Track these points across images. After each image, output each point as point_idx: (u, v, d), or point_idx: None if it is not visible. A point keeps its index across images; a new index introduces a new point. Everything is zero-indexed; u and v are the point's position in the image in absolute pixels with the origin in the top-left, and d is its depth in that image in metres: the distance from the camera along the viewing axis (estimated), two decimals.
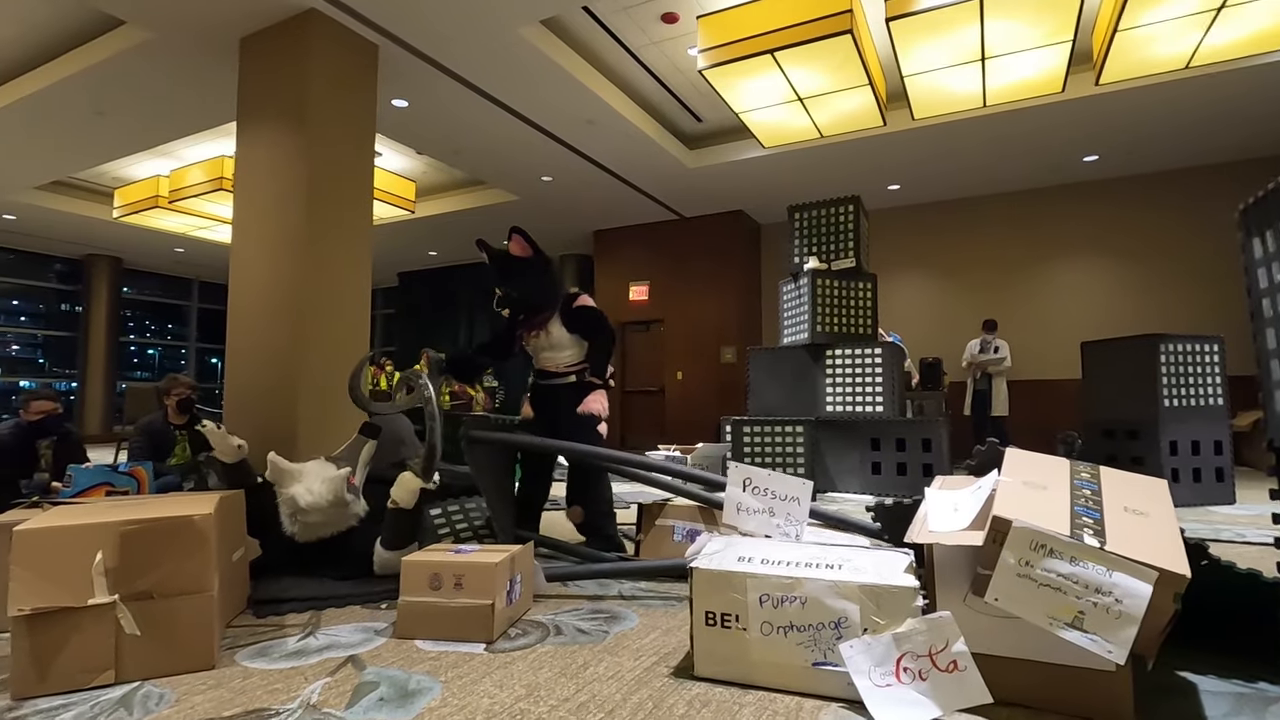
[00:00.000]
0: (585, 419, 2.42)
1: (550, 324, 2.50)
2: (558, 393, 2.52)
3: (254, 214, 4.70)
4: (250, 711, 1.18)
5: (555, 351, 2.52)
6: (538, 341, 2.53)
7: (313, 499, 1.96)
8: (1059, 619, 1.11)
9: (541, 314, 2.49)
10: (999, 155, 7.21)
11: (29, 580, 1.25)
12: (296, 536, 1.98)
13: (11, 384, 11.84)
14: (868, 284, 4.85)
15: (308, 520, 1.97)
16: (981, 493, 1.33)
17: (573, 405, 2.45)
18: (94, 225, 9.52)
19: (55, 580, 1.27)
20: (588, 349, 2.53)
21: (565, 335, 2.50)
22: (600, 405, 2.46)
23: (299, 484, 1.98)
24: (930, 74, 4.91)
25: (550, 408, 2.54)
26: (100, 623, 1.30)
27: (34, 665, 1.25)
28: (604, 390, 2.52)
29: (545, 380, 2.57)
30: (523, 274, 2.44)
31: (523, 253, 2.43)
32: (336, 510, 1.98)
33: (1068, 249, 8.12)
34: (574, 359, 2.52)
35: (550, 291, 2.51)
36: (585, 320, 2.53)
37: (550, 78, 5.55)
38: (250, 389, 4.53)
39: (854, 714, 1.18)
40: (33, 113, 6.12)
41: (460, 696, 1.25)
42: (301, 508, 1.95)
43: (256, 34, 4.76)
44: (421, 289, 12.80)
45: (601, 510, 2.52)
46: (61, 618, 1.27)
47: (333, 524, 1.99)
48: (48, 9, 5.01)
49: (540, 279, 2.48)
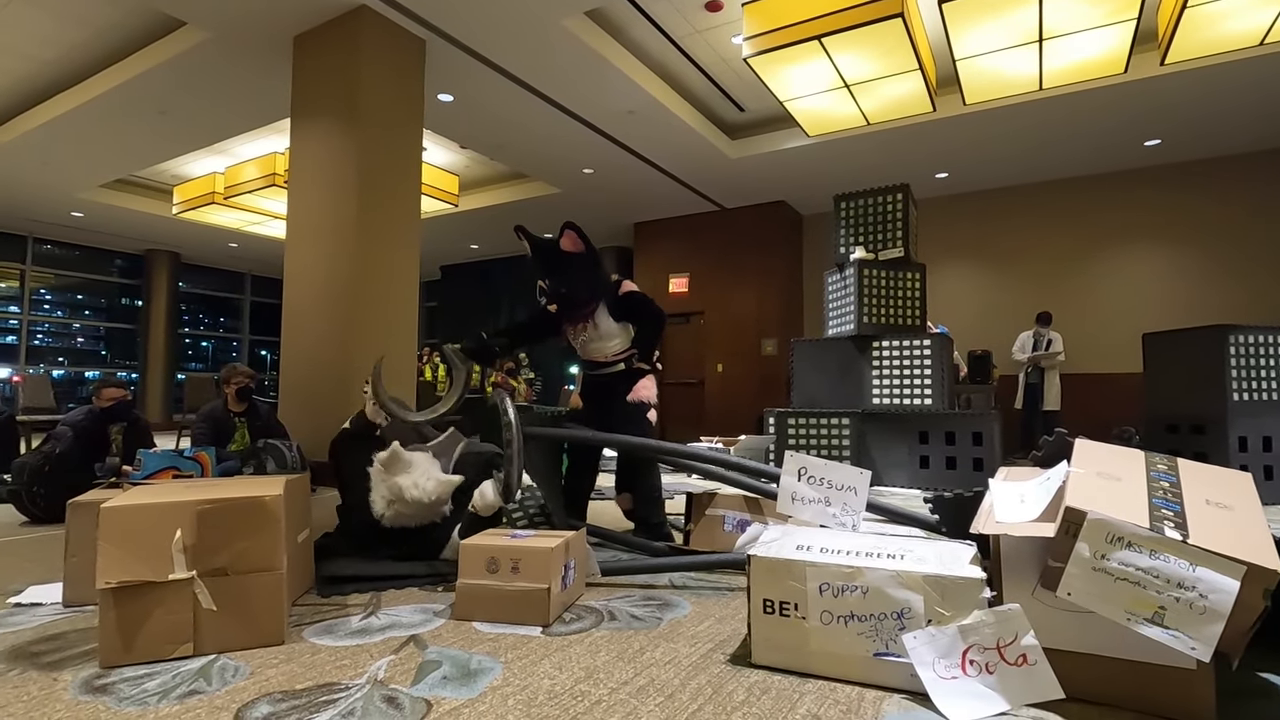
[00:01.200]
0: (636, 407, 2.41)
1: (597, 315, 2.48)
2: (608, 382, 2.52)
3: (308, 208, 4.83)
4: (321, 685, 1.22)
5: (603, 342, 2.51)
6: (585, 334, 2.52)
7: (419, 494, 1.97)
8: (1138, 614, 1.07)
9: (587, 306, 2.48)
10: (1055, 140, 6.97)
11: (115, 555, 1.31)
12: (385, 521, 2.01)
13: (78, 374, 12.43)
14: (916, 274, 4.74)
15: (403, 511, 1.99)
16: (1051, 484, 1.29)
17: (623, 393, 2.44)
18: (154, 221, 9.90)
19: (138, 556, 1.33)
20: (635, 333, 2.52)
21: (613, 325, 2.49)
22: (649, 393, 2.45)
23: (408, 475, 2.00)
24: (984, 57, 4.77)
25: (601, 398, 2.54)
26: (179, 597, 1.36)
27: (119, 635, 1.31)
28: (652, 375, 2.52)
29: (595, 370, 2.57)
30: (572, 269, 2.42)
31: (574, 248, 2.41)
32: (433, 509, 2.02)
33: (1125, 237, 7.81)
34: (622, 346, 2.52)
35: (599, 285, 2.49)
36: (633, 305, 2.52)
37: (592, 69, 5.55)
38: (304, 379, 4.67)
39: (918, 705, 1.16)
40: (100, 113, 6.38)
41: (521, 677, 1.27)
42: (406, 500, 1.97)
43: (309, 32, 4.88)
44: (463, 282, 12.99)
45: (649, 499, 2.52)
46: (144, 591, 1.33)
47: (420, 518, 2.03)
48: (114, 11, 5.21)
49: (591, 274, 2.46)
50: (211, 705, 1.14)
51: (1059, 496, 1.22)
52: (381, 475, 2.02)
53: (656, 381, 2.54)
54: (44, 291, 11.82)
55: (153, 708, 1.13)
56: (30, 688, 1.22)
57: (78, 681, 1.24)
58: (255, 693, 1.19)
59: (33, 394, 6.25)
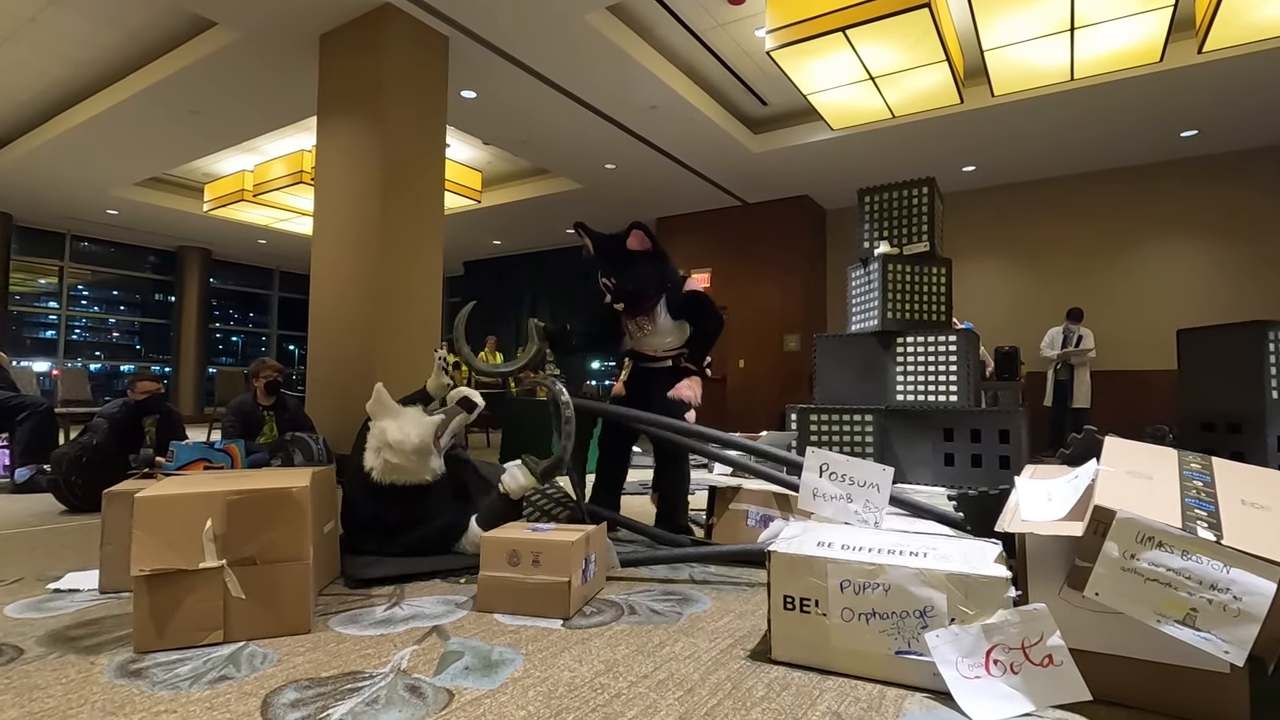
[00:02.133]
0: (675, 404, 2.39)
1: (657, 310, 2.46)
2: (653, 376, 2.51)
3: (334, 205, 4.90)
4: (346, 673, 1.25)
5: (659, 337, 2.49)
6: (644, 327, 2.50)
7: (400, 437, 2.00)
8: (1168, 616, 1.04)
9: (650, 300, 2.45)
10: (1086, 132, 6.81)
11: (149, 543, 1.35)
12: (374, 475, 2.04)
13: (114, 368, 12.77)
14: (942, 269, 4.67)
15: (389, 460, 2.02)
16: (1079, 482, 1.27)
17: (664, 389, 2.42)
18: (186, 219, 10.12)
19: (171, 544, 1.36)
20: (690, 335, 2.49)
21: (670, 322, 2.47)
22: (692, 393, 2.42)
23: (393, 420, 2.05)
24: (1013, 47, 4.67)
25: (644, 390, 2.53)
26: (210, 585, 1.39)
27: (153, 622, 1.35)
28: (699, 378, 2.48)
29: (643, 363, 2.56)
30: (640, 268, 2.38)
31: (642, 246, 2.37)
32: (418, 459, 2.03)
33: (1158, 231, 7.62)
34: (675, 344, 2.50)
35: (663, 283, 2.45)
36: (696, 307, 2.48)
37: (615, 64, 5.55)
38: (331, 373, 4.74)
39: (940, 705, 1.15)
40: (134, 113, 6.54)
41: (541, 669, 1.28)
42: (388, 442, 2.01)
43: (335, 30, 4.94)
44: (486, 278, 13.09)
45: (674, 501, 2.52)
46: (176, 579, 1.36)
47: (409, 473, 2.03)
48: (146, 13, 5.32)
49: (658, 271, 2.42)
50: (240, 691, 1.17)
51: (1087, 495, 1.20)
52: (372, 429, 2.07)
53: (701, 385, 2.49)
54: (81, 287, 12.15)
55: (184, 692, 1.16)
56: (68, 670, 1.26)
57: (113, 665, 1.28)
58: (283, 679, 1.21)
59: (70, 387, 6.43)
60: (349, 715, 1.08)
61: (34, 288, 11.55)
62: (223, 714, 1.08)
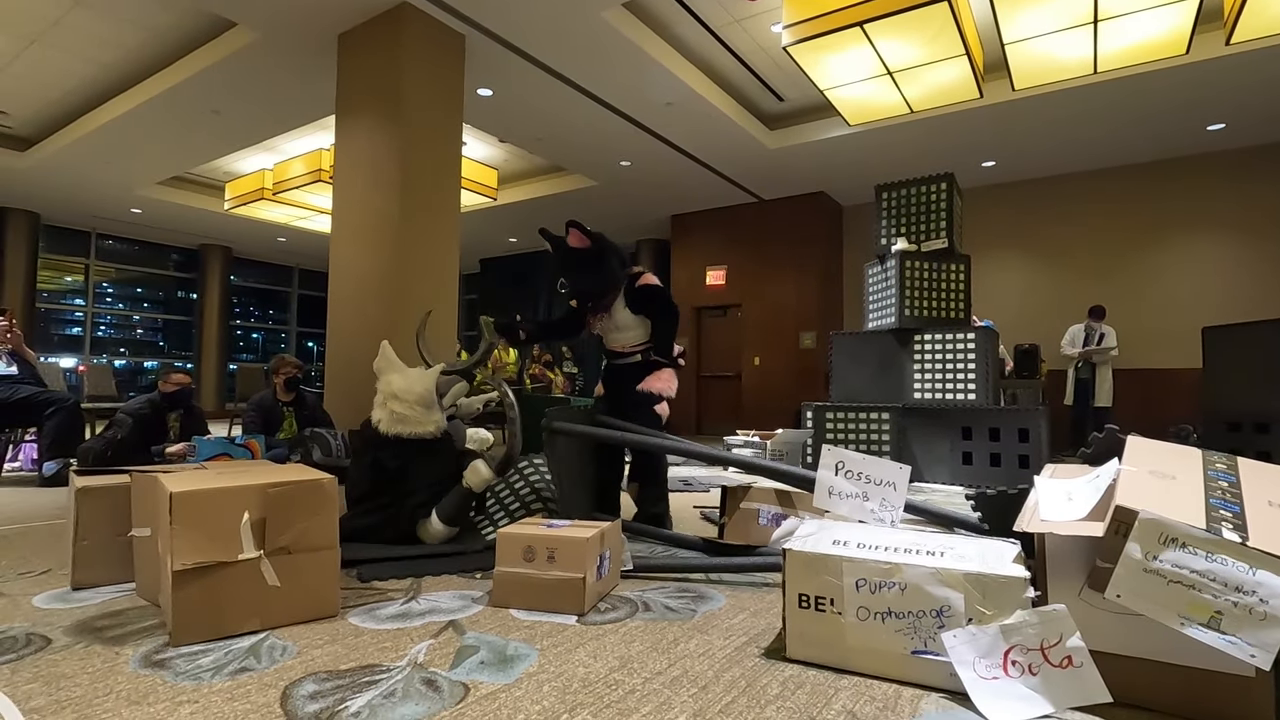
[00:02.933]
0: (643, 397, 2.45)
1: (614, 306, 2.53)
2: (623, 372, 2.57)
3: (351, 203, 4.94)
4: (364, 666, 1.26)
5: (621, 332, 2.56)
6: (604, 324, 2.58)
7: (405, 384, 2.13)
8: (1191, 618, 1.03)
9: (605, 297, 2.52)
10: (1110, 127, 6.70)
11: (189, 538, 1.37)
12: (380, 425, 2.14)
13: (137, 364, 12.99)
14: (960, 266, 4.62)
15: (394, 410, 2.12)
16: (1100, 481, 1.25)
17: (634, 384, 2.49)
18: (207, 217, 10.27)
19: (210, 538, 1.39)
20: (651, 328, 2.55)
21: (629, 316, 2.53)
22: (661, 384, 2.48)
23: (398, 374, 2.17)
24: (1034, 40, 4.60)
25: (616, 386, 2.60)
26: (247, 576, 1.42)
27: (193, 614, 1.37)
28: (671, 369, 2.54)
29: (614, 360, 2.63)
30: (582, 264, 2.46)
31: (580, 244, 2.44)
32: (422, 410, 2.14)
33: (1184, 227, 7.48)
34: (639, 339, 2.56)
35: (609, 278, 2.51)
36: (647, 299, 2.54)
37: (631, 61, 5.55)
38: (348, 369, 4.79)
39: (957, 705, 1.14)
40: (157, 113, 6.64)
41: (556, 664, 1.28)
42: (394, 392, 2.13)
43: (353, 30, 4.98)
44: (502, 275, 13.15)
45: (654, 494, 2.56)
46: (214, 571, 1.39)
47: (413, 425, 2.13)
48: (168, 15, 5.40)
49: (598, 268, 2.48)
50: (261, 682, 1.18)
51: (1109, 495, 1.18)
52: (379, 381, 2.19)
53: (676, 375, 2.55)
54: (106, 285, 12.37)
55: (206, 683, 1.18)
56: (94, 660, 1.28)
57: (137, 656, 1.30)
58: (302, 671, 1.23)
59: (96, 383, 6.55)
60: (366, 708, 1.09)
61: (61, 285, 11.78)
62: (243, 705, 1.10)
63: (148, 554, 1.63)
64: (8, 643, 1.37)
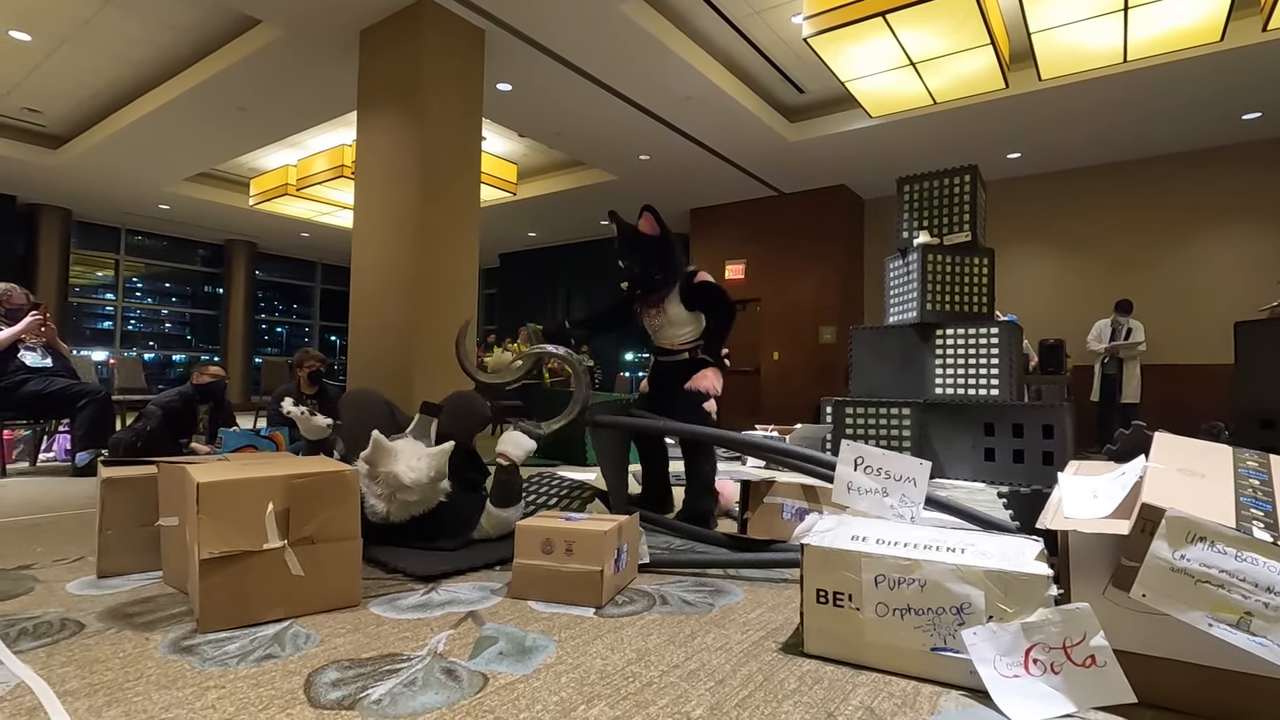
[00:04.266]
0: (692, 395, 2.44)
1: (667, 301, 2.52)
2: (671, 369, 2.56)
3: (373, 198, 4.99)
4: (385, 655, 1.28)
5: (673, 329, 2.55)
6: (655, 319, 2.57)
7: (416, 475, 1.93)
8: (1220, 619, 1.01)
9: (659, 291, 2.51)
10: (1139, 116, 6.55)
11: (215, 527, 1.39)
12: (390, 516, 1.98)
13: (166, 357, 13.26)
14: (984, 259, 4.56)
15: (406, 499, 1.96)
16: (1126, 479, 1.23)
17: (683, 382, 2.47)
18: (233, 213, 10.43)
19: (236, 527, 1.41)
20: (704, 326, 2.53)
21: (683, 313, 2.52)
22: (709, 383, 2.46)
23: (400, 463, 1.95)
24: (1062, 29, 4.51)
25: (664, 384, 2.58)
26: (271, 565, 1.44)
27: (218, 602, 1.40)
28: (717, 369, 2.52)
29: (662, 357, 2.62)
30: (647, 250, 2.46)
31: (651, 230, 2.45)
32: (434, 487, 2.00)
33: (1216, 219, 7.29)
34: (691, 336, 2.54)
35: (671, 269, 2.51)
36: (705, 297, 2.53)
37: (650, 54, 5.53)
38: (371, 363, 4.85)
39: (977, 703, 1.13)
40: (184, 110, 6.75)
41: (574, 656, 1.29)
42: (405, 485, 1.93)
43: (374, 26, 5.02)
44: (522, 269, 13.20)
45: (699, 489, 2.53)
46: (240, 560, 1.41)
47: (425, 501, 2.00)
48: (194, 13, 5.48)
49: (664, 256, 2.48)
50: (285, 669, 1.21)
51: (1135, 492, 1.16)
52: (370, 474, 1.97)
53: (722, 375, 2.53)
54: (136, 280, 12.64)
55: (232, 669, 1.20)
56: (125, 645, 1.32)
57: (166, 642, 1.33)
58: (324, 659, 1.25)
59: (126, 376, 6.70)
60: (387, 696, 1.11)
61: (92, 280, 12.05)
62: (268, 690, 1.12)
63: (176, 543, 1.66)
64: (43, 627, 1.41)
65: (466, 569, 1.89)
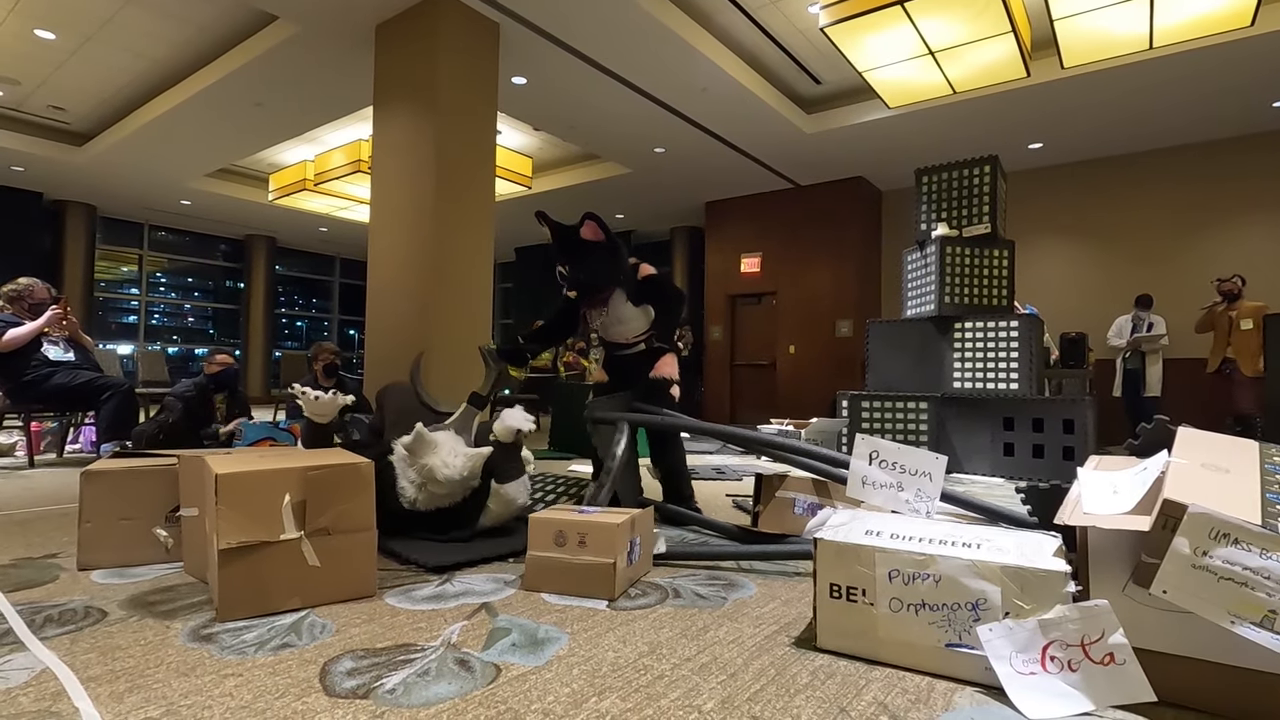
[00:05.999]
0: (659, 383, 2.46)
1: (612, 299, 2.51)
2: (628, 361, 2.58)
3: (389, 194, 5.02)
4: (399, 645, 1.29)
5: (622, 325, 2.54)
6: (601, 318, 2.55)
7: (450, 473, 1.96)
8: (1243, 617, 0.99)
9: (603, 292, 2.50)
10: (1165, 105, 6.41)
11: (233, 518, 1.42)
12: (418, 505, 2.02)
13: (189, 350, 13.47)
14: (1004, 252, 4.49)
15: (436, 492, 2.00)
16: (1148, 474, 1.20)
17: (642, 372, 2.50)
18: (252, 208, 10.55)
19: (254, 518, 1.44)
20: (654, 316, 2.54)
21: (630, 309, 2.52)
22: (670, 369, 2.49)
23: (436, 456, 2.00)
24: (1085, 15, 4.42)
25: (624, 376, 2.59)
26: (288, 555, 1.46)
27: (236, 592, 1.42)
28: (672, 354, 2.56)
29: (616, 351, 2.63)
30: (591, 257, 2.43)
31: (595, 237, 2.41)
32: (464, 486, 2.03)
33: (1244, 209, 7.12)
34: (641, 328, 2.55)
35: (616, 276, 2.50)
36: (653, 291, 2.54)
37: (665, 46, 5.49)
38: (387, 356, 4.89)
39: (992, 700, 1.11)
40: (204, 107, 6.83)
41: (586, 648, 1.30)
42: (439, 480, 1.97)
43: (390, 20, 5.04)
44: (537, 263, 13.22)
45: (678, 471, 2.58)
46: (257, 550, 1.43)
47: (453, 497, 2.04)
48: (212, 9, 5.53)
49: (609, 263, 2.46)
50: (301, 658, 1.22)
51: (1156, 488, 1.14)
52: (407, 460, 2.02)
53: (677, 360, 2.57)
54: (159, 275, 12.84)
55: (250, 657, 1.22)
56: (146, 633, 1.34)
57: (186, 630, 1.36)
58: (340, 649, 1.27)
59: (149, 369, 6.82)
60: (401, 685, 1.12)
61: (117, 275, 12.26)
62: (284, 679, 1.14)
63: (196, 533, 1.69)
64: (68, 615, 1.44)
65: (479, 560, 1.91)
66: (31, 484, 3.28)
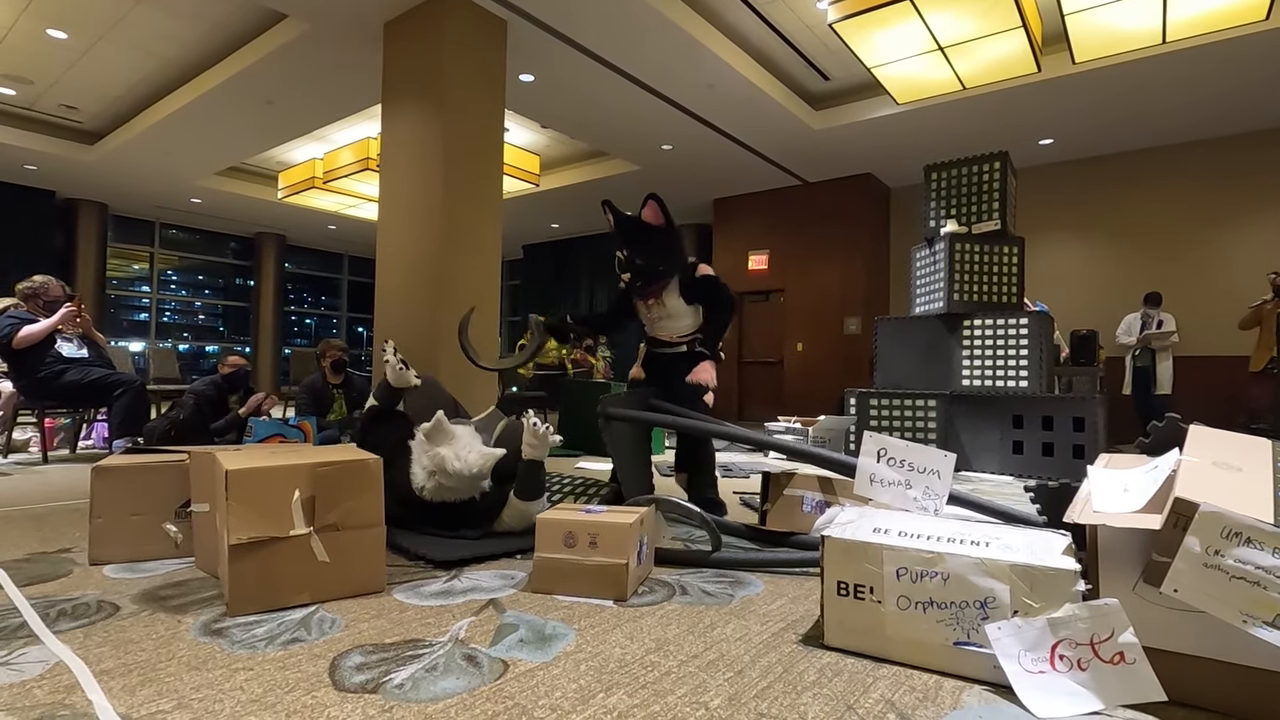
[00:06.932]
0: (695, 389, 2.42)
1: (666, 293, 2.48)
2: (668, 361, 2.54)
3: (397, 191, 5.03)
4: (408, 640, 1.30)
5: (671, 321, 2.51)
6: (653, 311, 2.53)
7: (460, 466, 1.96)
8: (1255, 617, 0.98)
9: (659, 282, 2.47)
10: (1177, 101, 6.34)
11: (243, 514, 1.43)
12: (425, 493, 2.02)
13: (199, 348, 13.57)
14: (1013, 248, 4.46)
15: (445, 483, 2.00)
16: (1159, 472, 1.19)
17: (680, 374, 2.46)
18: (262, 206, 10.61)
19: (264, 514, 1.45)
20: (704, 319, 2.51)
21: (682, 305, 2.49)
22: (709, 376, 2.45)
23: (450, 447, 2.00)
24: (1097, 9, 4.38)
25: (661, 375, 2.56)
26: (298, 551, 1.48)
27: (246, 587, 1.43)
28: (713, 361, 2.51)
29: (657, 348, 2.59)
30: (651, 241, 2.42)
31: (655, 220, 2.41)
32: (473, 483, 2.03)
33: (1258, 205, 7.04)
34: (689, 329, 2.52)
35: (674, 261, 2.48)
36: (707, 290, 2.51)
37: (672, 42, 5.48)
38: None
39: (1000, 698, 1.11)
40: (215, 105, 6.86)
41: (593, 645, 1.30)
42: (448, 471, 1.97)
43: (398, 19, 5.05)
44: (544, 260, 13.24)
45: (706, 479, 2.55)
46: (267, 546, 1.45)
47: (460, 492, 2.04)
48: (223, 7, 5.56)
49: (668, 248, 2.45)
50: (311, 653, 1.23)
51: (1167, 486, 1.13)
52: (424, 446, 2.04)
53: (716, 368, 2.52)
54: (170, 272, 12.93)
55: (260, 651, 1.23)
56: (158, 627, 1.35)
57: (198, 624, 1.37)
58: (349, 644, 1.28)
59: (160, 366, 6.88)
60: (409, 680, 1.12)
61: (128, 273, 12.35)
62: (294, 673, 1.14)
63: (207, 529, 1.70)
64: (81, 609, 1.45)
65: (487, 557, 1.92)
66: (45, 479, 3.32)
